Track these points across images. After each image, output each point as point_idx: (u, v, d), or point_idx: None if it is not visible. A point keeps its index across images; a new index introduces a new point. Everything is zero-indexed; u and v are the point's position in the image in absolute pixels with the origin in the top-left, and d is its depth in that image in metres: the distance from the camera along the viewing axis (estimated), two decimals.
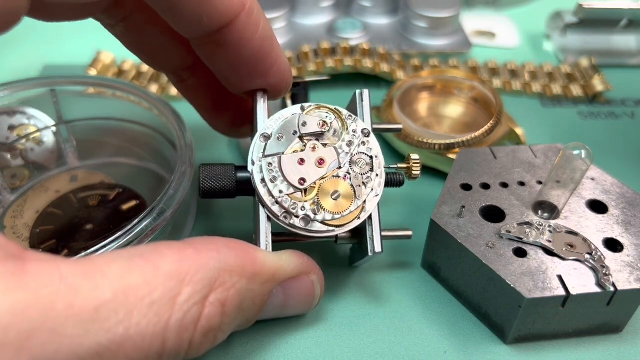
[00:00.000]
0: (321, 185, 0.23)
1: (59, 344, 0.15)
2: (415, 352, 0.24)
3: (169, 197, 0.25)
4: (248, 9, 0.21)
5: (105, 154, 0.32)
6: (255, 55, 0.23)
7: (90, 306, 0.15)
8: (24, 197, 0.29)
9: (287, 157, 0.23)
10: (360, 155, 0.24)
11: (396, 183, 0.25)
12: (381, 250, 0.23)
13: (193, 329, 0.17)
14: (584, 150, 0.24)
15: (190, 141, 0.28)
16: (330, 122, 0.24)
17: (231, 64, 0.23)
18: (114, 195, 0.30)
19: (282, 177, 0.23)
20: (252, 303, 0.20)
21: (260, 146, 0.23)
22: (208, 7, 0.20)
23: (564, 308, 0.22)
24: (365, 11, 0.46)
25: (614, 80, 0.40)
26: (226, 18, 0.21)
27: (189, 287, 0.18)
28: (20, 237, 0.27)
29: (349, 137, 0.24)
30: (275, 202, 0.22)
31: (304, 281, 0.22)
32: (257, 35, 0.22)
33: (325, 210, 0.22)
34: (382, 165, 0.24)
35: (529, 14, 0.50)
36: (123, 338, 0.16)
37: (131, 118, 0.32)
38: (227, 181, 0.23)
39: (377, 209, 0.23)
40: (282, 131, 0.24)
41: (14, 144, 0.30)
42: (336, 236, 0.24)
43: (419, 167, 0.25)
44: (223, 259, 0.19)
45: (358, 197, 0.23)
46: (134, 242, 0.23)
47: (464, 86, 0.36)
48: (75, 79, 0.32)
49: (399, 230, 0.25)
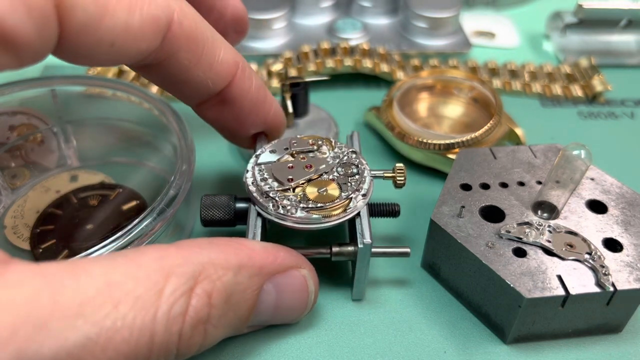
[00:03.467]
0: (309, 184, 0.24)
1: (44, 338, 0.15)
2: (415, 352, 0.24)
3: (169, 197, 0.25)
4: (242, 65, 0.25)
5: (105, 154, 0.32)
6: (255, 103, 0.26)
7: (75, 302, 0.16)
8: (24, 197, 0.29)
9: (278, 163, 0.25)
10: (348, 162, 0.25)
11: (392, 213, 0.26)
12: (370, 240, 0.23)
13: (181, 321, 0.18)
14: (583, 150, 0.24)
15: (190, 141, 0.28)
16: (320, 142, 0.26)
17: (236, 117, 0.26)
18: (114, 195, 0.30)
19: (273, 178, 0.24)
20: (242, 297, 0.20)
21: (254, 160, 0.25)
22: (211, 72, 0.24)
23: (563, 308, 0.22)
24: (365, 11, 0.46)
25: (613, 81, 0.40)
26: (227, 78, 0.24)
27: (174, 280, 0.18)
28: (20, 237, 0.27)
29: (336, 152, 0.26)
30: (265, 196, 0.23)
31: (295, 276, 0.22)
32: (253, 85, 0.25)
33: (311, 200, 0.23)
34: (368, 171, 0.25)
35: (529, 14, 0.50)
36: (111, 331, 0.16)
37: (131, 118, 0.32)
38: (226, 211, 0.25)
39: (366, 209, 0.24)
40: (275, 147, 0.26)
41: (15, 144, 0.30)
42: (331, 251, 0.25)
43: (404, 176, 0.26)
44: (206, 253, 0.19)
45: (344, 191, 0.24)
46: (134, 242, 0.23)
47: (463, 86, 0.36)
48: (75, 79, 0.32)
49: (397, 247, 0.25)
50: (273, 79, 0.40)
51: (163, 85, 0.25)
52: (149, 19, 0.20)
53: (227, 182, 0.32)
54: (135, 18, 0.19)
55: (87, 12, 0.18)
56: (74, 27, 0.18)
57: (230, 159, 0.34)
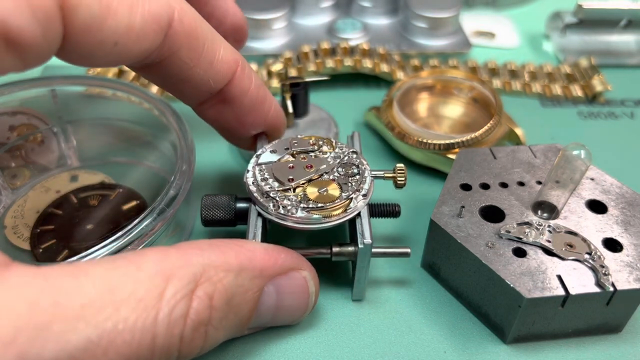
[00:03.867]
0: (310, 184, 0.24)
1: (45, 340, 0.15)
2: (415, 352, 0.24)
3: (169, 197, 0.25)
4: (241, 64, 0.25)
5: (105, 154, 0.32)
6: (255, 102, 0.26)
7: (76, 304, 0.16)
8: (24, 197, 0.29)
9: (278, 163, 0.25)
10: (348, 163, 0.25)
11: (393, 214, 0.26)
12: (370, 241, 0.23)
13: (182, 324, 0.18)
14: (583, 150, 0.24)
15: (190, 141, 0.28)
16: (321, 142, 0.26)
17: (236, 116, 0.26)
18: (114, 195, 0.30)
19: (273, 178, 0.24)
20: (243, 299, 0.20)
21: (255, 160, 0.25)
22: (212, 71, 0.23)
23: (563, 308, 0.23)
24: (365, 11, 0.46)
25: (613, 81, 0.40)
26: (227, 76, 0.24)
27: (175, 282, 0.18)
28: (20, 237, 0.27)
29: (337, 152, 0.26)
30: (266, 196, 0.23)
31: (295, 278, 0.22)
32: (253, 84, 0.25)
33: (311, 200, 0.23)
34: (369, 171, 0.25)
35: (529, 14, 0.50)
36: (112, 334, 0.16)
37: (131, 118, 0.32)
38: (226, 211, 0.25)
39: (366, 209, 0.24)
40: (275, 147, 0.26)
41: (15, 144, 0.30)
42: (331, 251, 0.25)
43: (404, 177, 0.26)
44: (207, 255, 0.19)
45: (344, 192, 0.24)
46: (134, 242, 0.23)
47: (463, 86, 0.36)
48: (75, 79, 0.32)
49: (397, 248, 0.25)
50: (273, 79, 0.40)
51: (164, 85, 0.25)
52: (150, 18, 0.20)
53: (227, 182, 0.32)
54: (137, 17, 0.19)
55: (91, 12, 0.18)
56: (78, 27, 0.18)
57: (231, 159, 0.34)
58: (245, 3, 0.42)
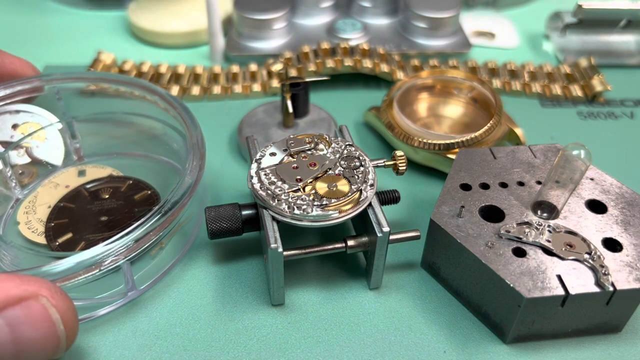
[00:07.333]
0: (317, 181, 0.24)
1: None
2: (415, 352, 0.24)
3: (184, 187, 0.25)
4: None
5: (111, 149, 0.33)
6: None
7: None
8: (34, 194, 0.30)
9: (282, 165, 0.25)
10: (349, 156, 0.26)
11: (393, 200, 0.27)
12: (388, 228, 0.23)
13: None
14: (583, 150, 0.24)
15: (200, 133, 0.28)
16: (316, 140, 0.26)
17: None
18: (125, 187, 0.30)
19: (280, 180, 0.24)
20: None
21: (256, 165, 0.25)
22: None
23: (563, 308, 0.23)
24: (365, 11, 0.46)
25: (613, 81, 0.40)
26: None
27: None
28: (35, 232, 0.28)
29: (334, 147, 0.26)
30: (277, 199, 0.23)
31: (32, 306, 0.19)
32: None
33: (324, 197, 0.23)
34: (369, 162, 0.25)
35: (529, 15, 0.50)
36: None
37: (137, 112, 0.32)
38: (233, 220, 0.25)
39: (375, 198, 0.24)
40: (273, 149, 0.26)
41: (19, 142, 0.31)
42: (346, 245, 0.25)
43: (405, 163, 0.27)
44: None
45: (353, 185, 0.24)
46: (151, 233, 0.23)
47: (463, 86, 0.36)
48: (78, 75, 0.32)
49: (407, 232, 0.25)
50: (273, 79, 0.40)
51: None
52: None
53: (227, 181, 0.32)
54: None
55: None
56: None
57: (230, 158, 0.34)
58: (245, 3, 0.42)
